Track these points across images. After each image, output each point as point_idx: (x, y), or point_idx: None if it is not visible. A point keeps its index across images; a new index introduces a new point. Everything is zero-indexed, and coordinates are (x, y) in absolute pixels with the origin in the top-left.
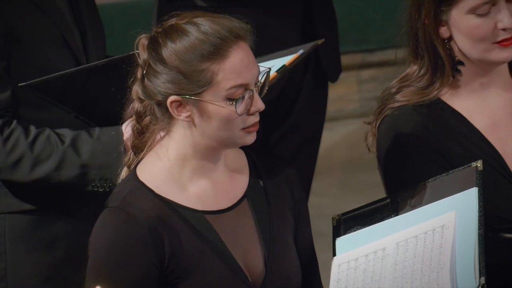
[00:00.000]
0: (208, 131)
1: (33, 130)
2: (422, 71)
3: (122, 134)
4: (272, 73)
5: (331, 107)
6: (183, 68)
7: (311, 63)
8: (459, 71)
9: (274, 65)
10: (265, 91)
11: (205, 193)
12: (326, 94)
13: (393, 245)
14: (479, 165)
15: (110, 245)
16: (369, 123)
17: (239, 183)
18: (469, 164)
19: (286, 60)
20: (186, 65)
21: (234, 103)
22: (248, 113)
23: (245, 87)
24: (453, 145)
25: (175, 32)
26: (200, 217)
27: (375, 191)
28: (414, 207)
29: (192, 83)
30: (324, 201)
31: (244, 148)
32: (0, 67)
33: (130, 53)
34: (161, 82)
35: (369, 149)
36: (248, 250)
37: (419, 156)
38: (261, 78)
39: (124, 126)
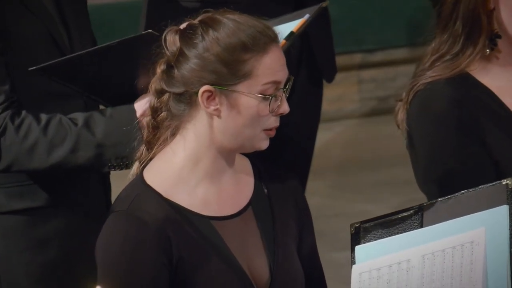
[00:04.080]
0: (231, 127)
1: (44, 116)
2: (451, 39)
3: (134, 111)
4: (281, 41)
5: (331, 107)
6: (224, 57)
7: (303, 63)
8: (496, 45)
9: (280, 31)
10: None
11: (212, 198)
12: (321, 93)
13: (419, 257)
14: (510, 182)
15: (120, 249)
16: (400, 100)
17: (245, 190)
18: (499, 181)
19: (292, 26)
20: (228, 54)
21: (269, 98)
22: (274, 113)
23: (277, 85)
24: (485, 121)
25: (216, 23)
26: (207, 222)
27: (375, 191)
28: (439, 221)
29: (231, 73)
30: (323, 201)
31: (248, 155)
32: (1, 61)
33: (143, 32)
34: (195, 71)
35: (398, 126)
36: (253, 257)
37: (451, 130)
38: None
39: (136, 103)
